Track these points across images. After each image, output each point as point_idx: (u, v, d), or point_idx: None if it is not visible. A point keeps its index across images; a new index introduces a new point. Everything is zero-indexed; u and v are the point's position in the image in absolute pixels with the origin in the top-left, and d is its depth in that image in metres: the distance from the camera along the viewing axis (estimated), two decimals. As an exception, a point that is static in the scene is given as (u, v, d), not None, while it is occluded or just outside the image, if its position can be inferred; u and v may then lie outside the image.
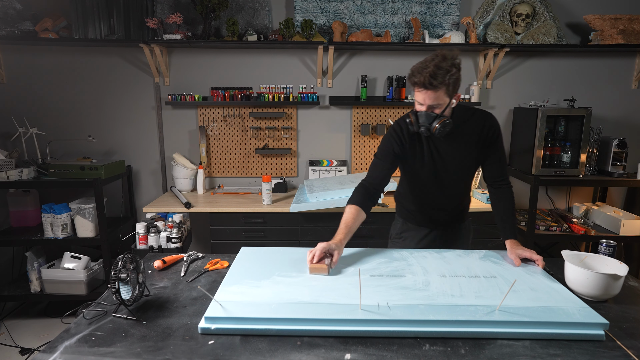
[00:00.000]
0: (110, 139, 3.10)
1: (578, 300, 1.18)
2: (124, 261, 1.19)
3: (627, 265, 1.31)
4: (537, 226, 2.79)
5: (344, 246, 1.50)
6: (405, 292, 1.23)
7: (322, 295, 1.20)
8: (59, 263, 2.75)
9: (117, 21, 2.72)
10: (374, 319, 1.08)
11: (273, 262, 1.47)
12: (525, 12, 2.89)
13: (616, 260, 1.35)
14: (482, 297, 1.20)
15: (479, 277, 1.35)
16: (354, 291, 1.21)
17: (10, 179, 2.58)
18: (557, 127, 2.85)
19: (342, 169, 3.17)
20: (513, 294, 1.21)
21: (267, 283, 1.29)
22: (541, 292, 1.24)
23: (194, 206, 2.64)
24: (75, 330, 1.10)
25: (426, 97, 1.49)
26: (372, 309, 1.12)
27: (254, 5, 2.92)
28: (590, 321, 1.08)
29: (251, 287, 1.26)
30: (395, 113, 3.11)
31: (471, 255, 1.56)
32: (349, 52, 3.06)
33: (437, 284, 1.29)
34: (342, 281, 1.30)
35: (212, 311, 1.11)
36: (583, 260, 1.39)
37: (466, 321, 1.08)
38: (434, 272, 1.39)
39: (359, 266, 1.42)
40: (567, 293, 1.24)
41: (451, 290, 1.25)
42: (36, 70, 2.97)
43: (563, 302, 1.17)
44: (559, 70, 3.10)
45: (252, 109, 3.07)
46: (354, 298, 1.17)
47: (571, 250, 1.39)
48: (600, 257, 1.39)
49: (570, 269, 1.32)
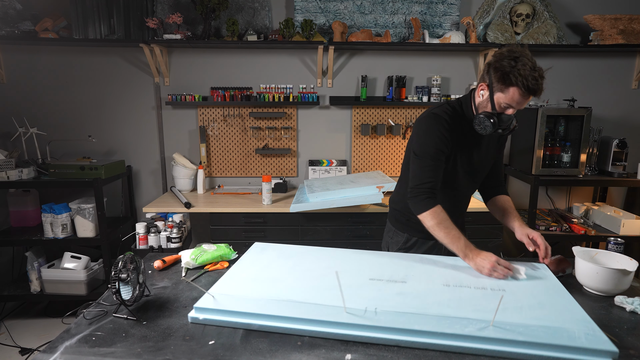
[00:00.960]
0: (110, 139, 3.10)
1: (591, 324, 1.06)
2: (124, 261, 1.18)
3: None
4: (537, 226, 2.79)
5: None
6: (400, 299, 1.18)
7: (315, 295, 1.20)
8: (59, 263, 2.75)
9: (117, 21, 2.72)
10: (355, 324, 1.05)
11: (280, 258, 1.49)
12: (525, 12, 2.89)
13: (626, 257, 1.37)
14: (479, 311, 1.11)
15: (486, 289, 1.27)
16: (352, 293, 1.20)
17: (10, 179, 2.58)
18: (557, 127, 2.85)
19: (342, 169, 3.17)
20: (517, 309, 1.13)
21: (264, 279, 1.31)
22: (549, 310, 1.13)
23: (194, 206, 2.64)
24: (75, 331, 1.10)
25: (525, 102, 1.41)
26: (358, 312, 1.09)
27: (254, 5, 2.92)
28: (595, 347, 0.96)
29: (248, 281, 1.29)
30: (395, 113, 3.11)
31: None
32: (349, 52, 3.06)
33: (437, 293, 1.23)
34: (342, 283, 1.27)
35: (203, 302, 1.14)
36: (594, 256, 1.42)
37: (452, 334, 1.00)
38: (439, 280, 1.33)
39: (364, 268, 1.40)
40: (580, 314, 1.11)
41: (449, 300, 1.18)
42: (36, 70, 2.96)
43: (571, 324, 1.06)
44: (559, 70, 3.10)
45: (252, 109, 3.07)
46: (346, 300, 1.15)
47: (582, 247, 1.42)
48: (610, 253, 1.42)
49: (580, 265, 1.35)
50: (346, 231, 2.67)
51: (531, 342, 0.97)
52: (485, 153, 1.63)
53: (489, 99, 1.45)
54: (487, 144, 1.62)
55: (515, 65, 1.35)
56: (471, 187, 1.69)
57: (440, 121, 1.49)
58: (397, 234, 1.75)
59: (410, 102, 2.97)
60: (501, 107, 1.43)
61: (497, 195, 1.73)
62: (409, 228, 1.70)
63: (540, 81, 1.35)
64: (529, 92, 1.36)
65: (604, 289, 1.29)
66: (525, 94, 1.37)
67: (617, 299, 1.25)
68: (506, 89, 1.40)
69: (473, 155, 1.59)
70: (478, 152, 1.60)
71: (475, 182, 1.69)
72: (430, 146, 1.49)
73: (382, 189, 2.56)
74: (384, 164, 3.19)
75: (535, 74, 1.34)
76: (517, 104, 1.41)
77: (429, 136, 1.49)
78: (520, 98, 1.39)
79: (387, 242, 1.81)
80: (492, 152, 1.66)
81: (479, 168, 1.64)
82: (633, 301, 1.22)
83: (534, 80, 1.34)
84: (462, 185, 1.64)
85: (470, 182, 1.66)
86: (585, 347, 0.96)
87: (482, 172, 1.68)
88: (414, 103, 2.98)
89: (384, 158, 3.19)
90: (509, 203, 1.69)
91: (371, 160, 3.19)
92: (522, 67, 1.34)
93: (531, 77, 1.34)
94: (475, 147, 1.58)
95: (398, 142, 3.16)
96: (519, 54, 1.36)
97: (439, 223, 1.45)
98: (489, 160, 1.67)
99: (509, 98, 1.40)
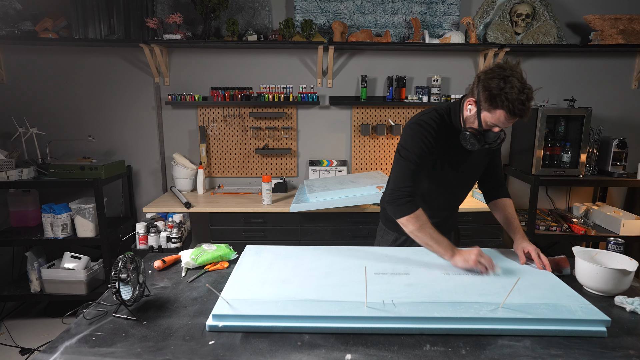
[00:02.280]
0: (110, 139, 3.10)
1: (580, 298, 1.19)
2: (124, 261, 1.18)
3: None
4: (537, 226, 2.79)
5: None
6: (410, 290, 1.24)
7: (328, 293, 1.21)
8: (59, 263, 2.75)
9: (117, 21, 2.72)
10: (379, 317, 1.08)
11: (278, 260, 1.48)
12: (525, 12, 2.89)
13: (626, 257, 1.37)
14: (485, 295, 1.21)
15: (482, 274, 1.37)
16: (359, 289, 1.21)
17: (10, 179, 2.58)
18: (557, 127, 2.85)
19: (342, 169, 3.17)
20: (515, 291, 1.21)
21: (272, 281, 1.30)
22: (544, 289, 1.25)
23: (194, 206, 2.64)
24: (75, 331, 1.10)
25: (511, 122, 1.42)
26: (377, 306, 1.13)
27: (254, 5, 2.92)
28: (592, 318, 1.08)
29: (257, 285, 1.27)
30: (395, 113, 3.11)
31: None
32: (349, 52, 3.06)
33: (441, 281, 1.31)
34: (348, 279, 1.31)
35: (219, 309, 1.12)
36: (594, 256, 1.42)
37: (470, 318, 1.08)
38: (437, 270, 1.40)
39: (365, 264, 1.42)
40: (569, 290, 1.25)
41: (455, 288, 1.26)
42: (36, 70, 2.96)
43: (565, 300, 1.18)
44: (559, 70, 3.10)
45: (252, 109, 3.07)
46: (359, 295, 1.18)
47: (582, 247, 1.42)
48: (610, 253, 1.42)
49: (580, 265, 1.35)
50: (346, 231, 2.67)
51: (538, 319, 1.08)
52: (477, 157, 1.64)
53: (476, 115, 1.46)
54: (477, 150, 1.62)
55: (503, 87, 1.34)
56: (463, 187, 1.72)
57: (427, 128, 1.52)
58: (387, 232, 1.79)
59: (410, 102, 2.97)
60: (487, 125, 1.45)
61: (499, 199, 1.74)
62: (398, 227, 1.69)
63: (527, 104, 1.35)
64: (515, 116, 1.38)
65: (604, 289, 1.29)
66: (511, 118, 1.38)
67: (617, 299, 1.25)
68: (493, 110, 1.40)
69: (461, 160, 1.61)
70: (467, 157, 1.62)
71: (467, 183, 1.71)
72: (414, 152, 1.51)
73: (382, 189, 2.56)
74: (384, 164, 3.19)
75: (522, 96, 1.34)
76: (502, 124, 1.43)
77: (414, 142, 1.52)
78: (506, 120, 1.40)
79: (379, 240, 1.85)
80: (484, 156, 1.67)
81: (469, 172, 1.66)
82: (633, 301, 1.22)
83: (521, 104, 1.34)
84: (452, 185, 1.66)
85: (462, 183, 1.69)
86: (583, 318, 1.08)
87: (473, 175, 1.70)
88: (414, 103, 2.98)
89: (384, 158, 3.19)
90: (510, 209, 1.70)
91: (371, 160, 3.19)
92: (510, 91, 1.33)
93: (518, 101, 1.34)
94: (463, 153, 1.60)
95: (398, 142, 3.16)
96: (509, 72, 1.36)
97: (420, 227, 1.48)
98: (481, 164, 1.69)
99: (495, 119, 1.41)
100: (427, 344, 1.04)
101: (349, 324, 1.08)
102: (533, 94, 1.37)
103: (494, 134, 1.47)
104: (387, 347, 1.03)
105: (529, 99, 1.35)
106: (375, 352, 1.01)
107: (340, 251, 1.58)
